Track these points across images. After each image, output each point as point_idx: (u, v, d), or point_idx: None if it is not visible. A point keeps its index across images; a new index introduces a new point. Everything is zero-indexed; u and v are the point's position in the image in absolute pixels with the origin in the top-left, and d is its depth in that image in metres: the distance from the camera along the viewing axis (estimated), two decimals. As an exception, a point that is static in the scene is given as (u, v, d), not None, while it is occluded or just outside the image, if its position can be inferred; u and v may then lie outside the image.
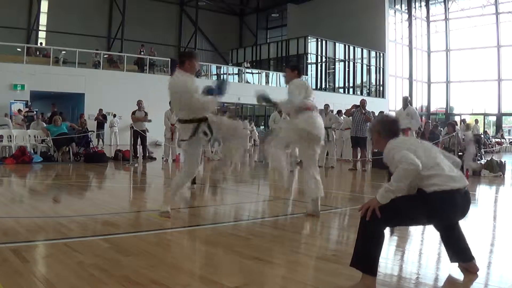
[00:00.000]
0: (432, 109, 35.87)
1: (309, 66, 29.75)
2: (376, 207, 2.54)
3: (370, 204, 2.57)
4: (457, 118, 28.51)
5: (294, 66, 5.31)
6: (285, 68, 5.41)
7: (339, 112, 13.47)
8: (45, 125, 12.80)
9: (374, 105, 19.99)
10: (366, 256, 2.58)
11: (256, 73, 28.45)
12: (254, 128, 23.32)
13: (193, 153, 4.66)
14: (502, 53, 31.31)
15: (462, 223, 2.98)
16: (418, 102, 34.61)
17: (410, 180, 2.56)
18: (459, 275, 3.04)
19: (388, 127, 2.93)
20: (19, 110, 17.12)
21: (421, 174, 2.57)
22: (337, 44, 30.84)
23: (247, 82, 27.33)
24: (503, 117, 32.60)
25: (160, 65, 24.24)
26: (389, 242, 4.11)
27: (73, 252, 3.28)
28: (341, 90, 31.49)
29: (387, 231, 2.72)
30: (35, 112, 16.75)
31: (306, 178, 5.04)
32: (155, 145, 18.15)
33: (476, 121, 23.15)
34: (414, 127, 9.31)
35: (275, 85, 27.73)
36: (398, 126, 2.98)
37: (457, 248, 2.93)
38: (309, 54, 29.78)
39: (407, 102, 9.73)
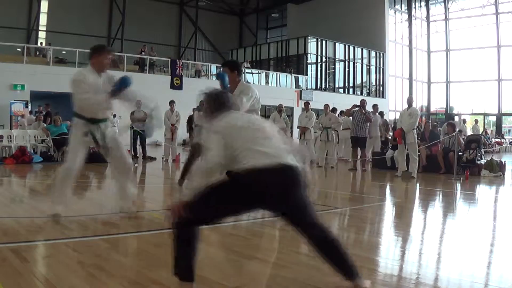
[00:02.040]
0: (432, 109, 35.86)
1: (309, 66, 29.75)
2: (181, 208, 2.29)
3: (176, 205, 2.32)
4: (457, 118, 28.54)
5: (233, 64, 4.81)
6: (223, 66, 4.84)
7: (342, 112, 13.48)
8: (45, 125, 12.81)
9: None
10: (179, 263, 2.35)
11: (256, 73, 28.45)
12: None
13: (74, 148, 4.52)
14: (502, 53, 31.29)
15: (462, 224, 2.98)
16: (418, 102, 34.58)
17: (211, 177, 2.31)
18: (459, 275, 3.04)
19: (214, 101, 2.62)
20: (30, 112, 17.16)
21: (231, 155, 2.33)
22: (337, 44, 30.84)
23: (247, 82, 27.30)
24: (503, 117, 32.59)
25: (160, 65, 24.24)
26: (389, 242, 4.12)
27: (73, 252, 3.28)
28: (341, 90, 31.48)
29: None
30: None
31: None
32: (155, 145, 18.16)
33: (476, 121, 23.15)
34: (409, 127, 9.25)
35: (275, 85, 27.74)
36: (229, 101, 2.64)
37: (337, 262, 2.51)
38: (309, 54, 29.77)
39: (411, 102, 9.73)
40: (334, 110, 12.33)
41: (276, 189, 2.32)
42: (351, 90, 32.17)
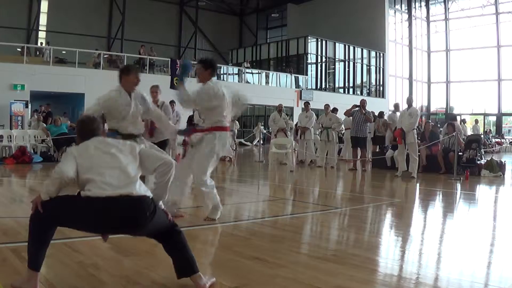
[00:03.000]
0: (432, 109, 35.87)
1: (309, 66, 29.75)
2: (38, 203, 2.45)
3: (35, 199, 2.48)
4: (457, 118, 28.48)
5: (207, 62, 4.70)
6: (197, 64, 4.77)
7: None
8: (45, 125, 12.81)
9: (374, 105, 19.98)
10: (29, 251, 2.50)
11: (256, 73, 28.44)
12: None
13: None
14: (502, 53, 31.30)
15: (462, 224, 2.97)
16: (418, 102, 34.58)
17: (58, 187, 2.48)
18: (459, 275, 3.04)
19: (85, 128, 2.79)
20: (35, 111, 17.15)
21: (80, 177, 2.51)
22: (337, 44, 30.84)
23: (247, 82, 27.31)
24: (503, 117, 32.60)
25: (160, 65, 24.23)
26: (389, 242, 4.12)
27: (73, 252, 3.28)
28: (341, 90, 31.49)
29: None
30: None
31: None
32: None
33: (476, 121, 23.15)
34: (409, 127, 9.25)
35: (275, 85, 27.74)
36: (93, 127, 2.80)
37: (179, 260, 2.64)
38: (309, 54, 29.78)
39: (411, 102, 9.74)
40: (334, 110, 12.33)
41: (121, 220, 2.45)
42: (351, 90, 32.18)
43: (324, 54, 30.60)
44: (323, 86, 30.39)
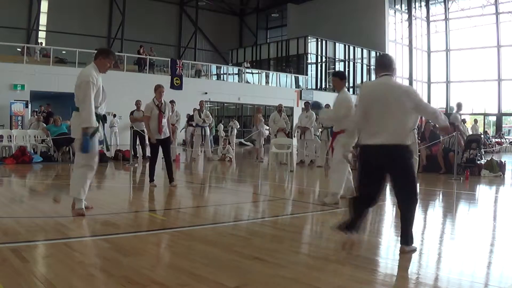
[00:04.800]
0: (432, 109, 35.88)
1: (309, 66, 29.76)
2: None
3: None
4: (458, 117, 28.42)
5: (342, 74, 6.02)
6: (332, 77, 5.91)
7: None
8: (45, 125, 12.81)
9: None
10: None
11: (256, 73, 28.45)
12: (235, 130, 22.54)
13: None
14: (502, 53, 31.30)
15: (462, 224, 2.98)
16: (418, 102, 34.59)
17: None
18: (459, 274, 3.04)
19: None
20: (35, 111, 17.15)
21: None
22: (337, 44, 30.85)
23: (247, 82, 27.32)
24: (503, 117, 32.59)
25: (160, 65, 24.24)
26: (389, 242, 4.11)
27: (73, 252, 3.28)
28: (341, 90, 31.48)
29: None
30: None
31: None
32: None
33: (476, 121, 23.15)
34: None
35: (275, 85, 27.74)
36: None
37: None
38: (309, 54, 29.79)
39: None
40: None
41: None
42: (351, 90, 32.16)
43: (324, 54, 30.61)
44: (323, 86, 30.40)
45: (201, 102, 13.46)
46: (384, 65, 3.60)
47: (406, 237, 3.35)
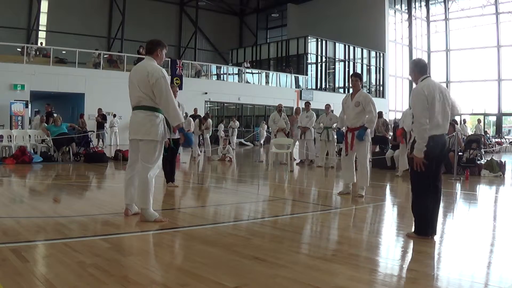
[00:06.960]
0: (432, 109, 35.88)
1: (309, 66, 29.76)
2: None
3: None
4: (457, 118, 28.45)
5: (360, 75, 6.81)
6: (352, 77, 6.81)
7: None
8: (45, 125, 12.81)
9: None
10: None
11: (256, 73, 28.45)
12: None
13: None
14: (502, 53, 31.30)
15: (462, 224, 2.97)
16: (418, 102, 34.57)
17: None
18: (459, 274, 3.04)
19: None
20: (38, 111, 17.16)
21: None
22: (337, 44, 30.85)
23: (247, 82, 27.32)
24: (503, 117, 32.59)
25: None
26: (389, 242, 4.12)
27: (73, 252, 3.28)
28: (341, 90, 31.49)
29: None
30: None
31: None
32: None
33: (479, 120, 23.15)
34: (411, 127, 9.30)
35: (275, 85, 27.74)
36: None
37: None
38: (309, 54, 29.78)
39: None
40: (336, 110, 12.34)
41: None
42: (351, 90, 32.15)
43: (324, 54, 30.60)
44: (323, 86, 30.40)
45: (206, 115, 13.74)
46: (425, 68, 4.09)
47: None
